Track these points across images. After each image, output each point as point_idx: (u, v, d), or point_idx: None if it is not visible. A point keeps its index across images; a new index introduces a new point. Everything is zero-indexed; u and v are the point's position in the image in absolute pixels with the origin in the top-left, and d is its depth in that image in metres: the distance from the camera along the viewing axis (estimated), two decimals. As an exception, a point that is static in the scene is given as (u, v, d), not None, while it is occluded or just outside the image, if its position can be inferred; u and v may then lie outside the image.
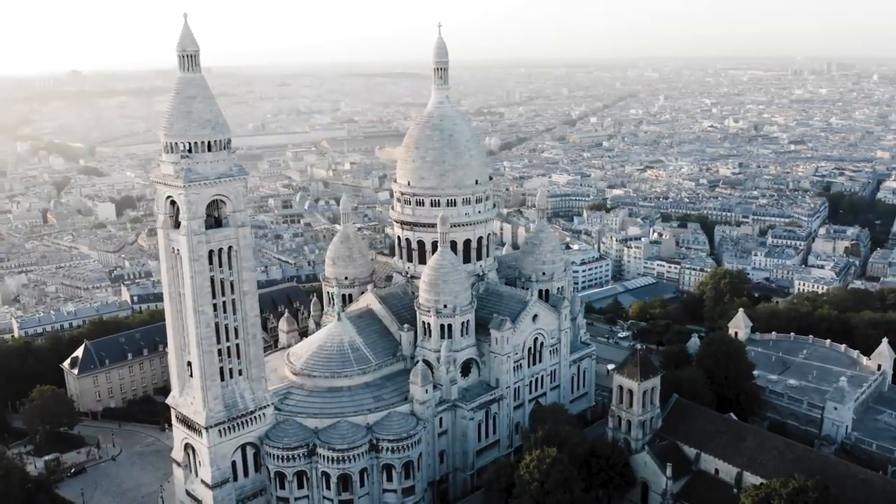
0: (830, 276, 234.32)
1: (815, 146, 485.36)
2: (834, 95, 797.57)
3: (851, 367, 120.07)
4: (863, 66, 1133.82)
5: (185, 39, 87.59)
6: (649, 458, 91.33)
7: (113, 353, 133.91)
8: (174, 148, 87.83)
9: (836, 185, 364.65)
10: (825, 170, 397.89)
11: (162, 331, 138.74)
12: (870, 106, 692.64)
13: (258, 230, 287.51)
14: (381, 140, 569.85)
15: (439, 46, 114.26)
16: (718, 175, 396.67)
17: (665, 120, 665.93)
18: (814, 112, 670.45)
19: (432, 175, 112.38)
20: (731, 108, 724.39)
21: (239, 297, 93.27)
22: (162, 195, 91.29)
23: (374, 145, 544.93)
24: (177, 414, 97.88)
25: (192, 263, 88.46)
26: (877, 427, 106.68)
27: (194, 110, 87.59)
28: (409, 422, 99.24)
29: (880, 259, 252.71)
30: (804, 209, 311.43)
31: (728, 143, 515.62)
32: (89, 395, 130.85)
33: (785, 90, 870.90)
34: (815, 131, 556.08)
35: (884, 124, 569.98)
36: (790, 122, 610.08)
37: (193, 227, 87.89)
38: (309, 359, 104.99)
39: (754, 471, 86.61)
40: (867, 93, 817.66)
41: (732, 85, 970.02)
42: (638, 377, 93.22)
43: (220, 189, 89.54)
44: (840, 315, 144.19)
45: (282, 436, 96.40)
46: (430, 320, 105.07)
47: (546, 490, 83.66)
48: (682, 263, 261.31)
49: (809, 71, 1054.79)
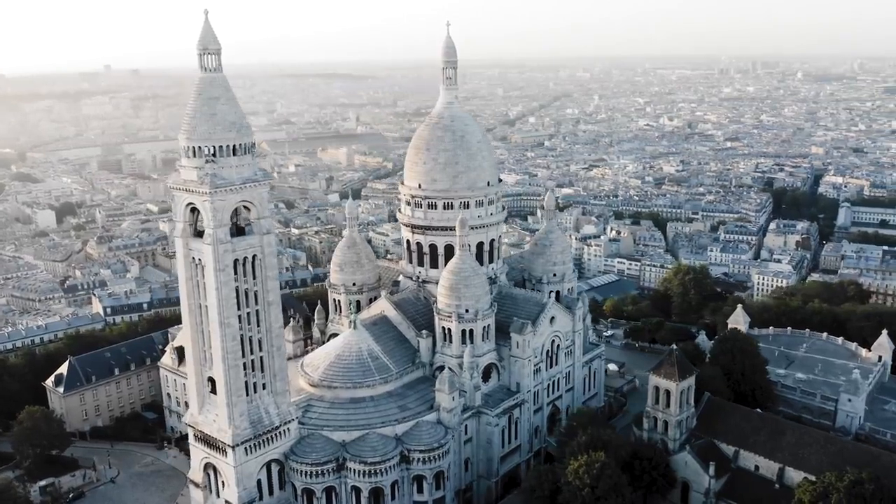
0: (788, 270, 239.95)
1: (750, 143, 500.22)
2: (762, 93, 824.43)
3: (852, 360, 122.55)
4: (786, 64, 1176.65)
5: (207, 37, 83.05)
6: (690, 458, 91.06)
7: (99, 368, 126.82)
8: (197, 152, 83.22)
9: (777, 181, 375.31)
10: (765, 166, 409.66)
11: (148, 343, 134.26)
12: (798, 103, 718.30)
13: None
14: (322, 141, 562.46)
15: (448, 46, 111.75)
16: (663, 173, 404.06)
17: (602, 119, 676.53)
18: (744, 110, 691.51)
19: (445, 177, 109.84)
20: (665, 107, 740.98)
21: (263, 308, 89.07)
22: (181, 202, 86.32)
23: (316, 147, 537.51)
24: (196, 433, 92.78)
25: (218, 274, 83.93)
26: (885, 417, 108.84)
27: (218, 112, 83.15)
28: (439, 431, 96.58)
29: (832, 252, 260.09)
30: (751, 205, 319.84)
31: (666, 142, 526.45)
32: (76, 414, 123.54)
33: (714, 89, 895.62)
34: (748, 128, 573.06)
35: (813, 121, 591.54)
36: (723, 120, 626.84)
37: (219, 235, 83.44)
38: (327, 369, 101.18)
39: (797, 466, 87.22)
40: (793, 90, 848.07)
41: (662, 84, 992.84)
42: (676, 377, 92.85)
43: (245, 195, 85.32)
44: (830, 308, 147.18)
45: (309, 451, 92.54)
46: (451, 326, 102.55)
47: (597, 495, 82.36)
48: (643, 260, 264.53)
49: (735, 70, 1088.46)
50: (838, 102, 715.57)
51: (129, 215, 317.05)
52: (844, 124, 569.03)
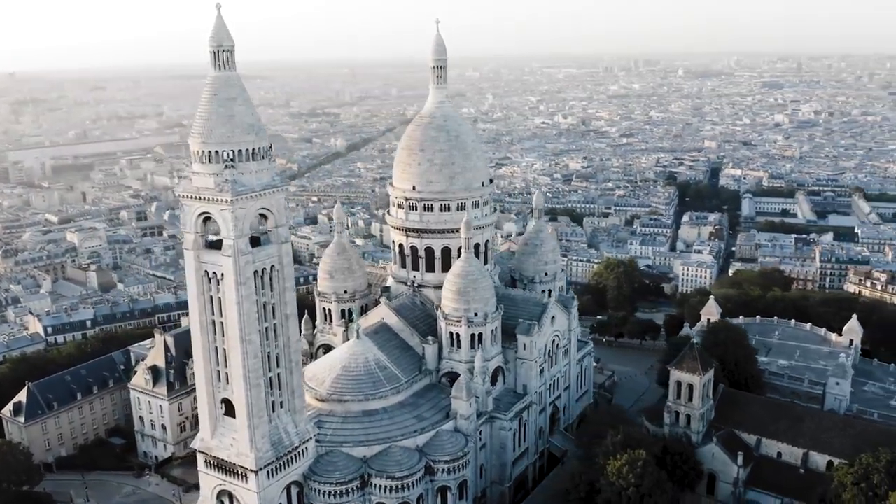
0: (710, 260, 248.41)
1: (644, 138, 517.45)
2: (647, 90, 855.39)
3: (825, 345, 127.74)
4: (667, 61, 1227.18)
5: (221, 34, 77.11)
6: (717, 450, 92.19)
7: (60, 394, 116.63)
8: (213, 157, 77.12)
9: (679, 175, 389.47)
10: (665, 160, 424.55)
11: (109, 364, 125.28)
12: (683, 99, 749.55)
13: (123, 245, 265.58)
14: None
15: (438, 44, 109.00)
16: (570, 170, 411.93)
17: (498, 118, 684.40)
18: (633, 106, 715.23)
19: (442, 178, 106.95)
20: (557, 105, 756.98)
21: (281, 322, 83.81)
22: (192, 212, 79.88)
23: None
24: (208, 459, 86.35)
25: (239, 287, 78.25)
26: (867, 397, 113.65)
27: (236, 114, 77.42)
28: (459, 439, 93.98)
29: (746, 242, 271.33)
30: (660, 198, 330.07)
31: (564, 139, 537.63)
32: (38, 444, 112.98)
33: (601, 87, 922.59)
34: (640, 125, 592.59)
35: (700, 116, 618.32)
36: (615, 117, 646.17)
37: (241, 246, 77.75)
38: (335, 382, 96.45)
39: (821, 450, 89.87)
40: (676, 87, 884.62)
41: (551, 83, 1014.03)
42: (699, 371, 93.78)
43: (264, 202, 79.88)
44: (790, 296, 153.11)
45: (331, 469, 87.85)
46: (459, 330, 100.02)
47: (642, 493, 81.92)
48: (569, 256, 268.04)
49: (619, 68, 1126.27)
50: (721, 98, 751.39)
51: (28, 226, 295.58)
52: (730, 119, 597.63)
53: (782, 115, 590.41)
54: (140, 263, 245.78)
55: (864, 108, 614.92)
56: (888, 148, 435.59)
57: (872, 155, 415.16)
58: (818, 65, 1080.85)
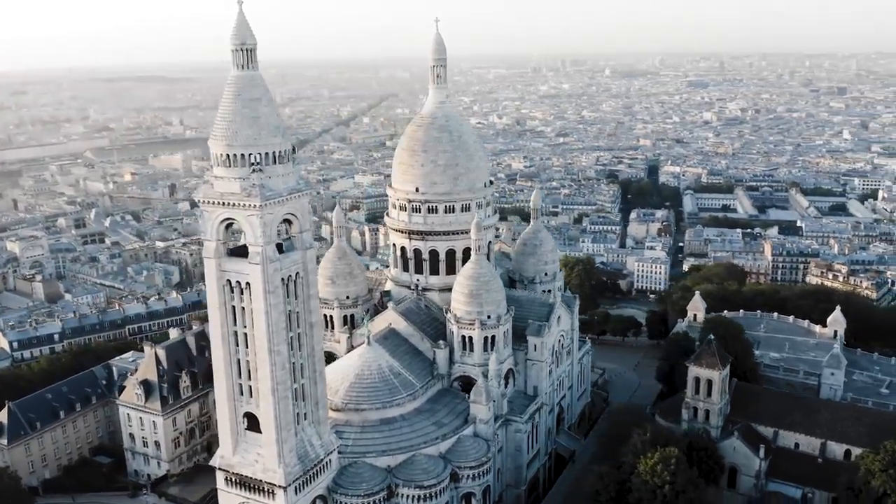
0: (664, 256, 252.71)
1: (580, 138, 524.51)
2: (577, 90, 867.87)
3: (810, 336, 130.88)
4: (593, 61, 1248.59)
5: (243, 31, 73.56)
6: (739, 443, 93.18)
7: (42, 413, 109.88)
8: (238, 160, 73.54)
9: (621, 173, 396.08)
10: (605, 159, 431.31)
11: (91, 380, 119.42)
12: (613, 98, 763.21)
13: (66, 253, 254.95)
14: (153, 147, 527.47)
15: (437, 43, 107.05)
16: (513, 169, 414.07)
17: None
18: (565, 106, 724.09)
19: (446, 179, 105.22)
20: (490, 106, 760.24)
21: (305, 331, 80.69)
22: (214, 218, 76.10)
23: (147, 153, 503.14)
24: (229, 476, 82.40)
25: (268, 296, 74.95)
26: (858, 386, 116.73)
27: (262, 115, 73.90)
28: (481, 445, 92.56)
29: (696, 237, 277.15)
30: (605, 197, 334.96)
31: (502, 139, 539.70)
32: (22, 467, 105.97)
33: (531, 87, 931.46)
34: (574, 124, 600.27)
35: (631, 115, 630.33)
36: (548, 117, 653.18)
37: (269, 253, 74.49)
38: (349, 391, 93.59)
39: (839, 439, 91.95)
40: (605, 87, 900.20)
41: (482, 83, 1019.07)
42: (719, 366, 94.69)
43: (290, 206, 76.70)
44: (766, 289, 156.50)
45: (357, 481, 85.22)
46: (471, 333, 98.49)
47: (676, 490, 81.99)
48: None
49: (547, 68, 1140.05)
50: (649, 97, 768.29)
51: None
52: (660, 117, 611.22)
53: (710, 113, 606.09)
54: (86, 272, 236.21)
55: (788, 105, 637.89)
56: (815, 143, 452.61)
57: (801, 150, 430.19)
58: (740, 63, 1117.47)
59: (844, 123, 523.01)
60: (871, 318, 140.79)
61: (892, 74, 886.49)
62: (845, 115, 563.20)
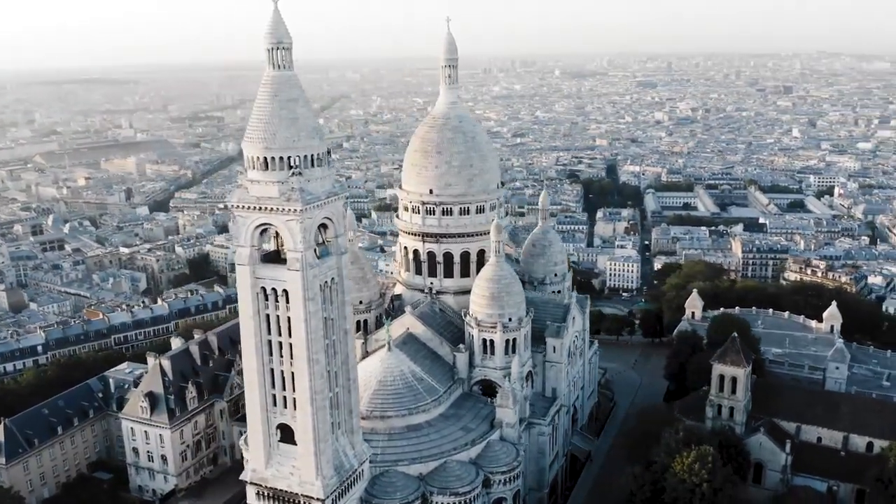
0: (635, 255, 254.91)
1: (537, 138, 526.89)
2: (529, 91, 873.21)
3: (808, 332, 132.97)
4: (542, 62, 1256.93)
5: (279, 30, 71.12)
6: (765, 439, 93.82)
7: (39, 429, 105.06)
8: (276, 164, 71.07)
9: (581, 173, 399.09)
10: (564, 159, 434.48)
11: (86, 393, 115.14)
12: (565, 99, 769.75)
13: (27, 261, 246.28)
14: (104, 151, 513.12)
15: (449, 43, 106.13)
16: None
17: (388, 119, 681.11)
18: (518, 107, 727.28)
19: (461, 181, 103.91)
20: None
21: (339, 338, 78.49)
22: (249, 224, 73.42)
23: (99, 157, 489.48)
24: (261, 490, 79.62)
25: (307, 303, 72.61)
26: (859, 379, 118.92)
27: (300, 116, 71.68)
28: (510, 449, 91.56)
29: (663, 235, 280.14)
30: (569, 196, 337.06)
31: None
32: (21, 486, 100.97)
33: (483, 87, 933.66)
34: (528, 124, 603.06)
35: (584, 115, 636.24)
36: (502, 118, 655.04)
37: (309, 258, 72.22)
38: (373, 398, 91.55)
39: (861, 432, 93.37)
40: (556, 87, 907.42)
41: (433, 84, 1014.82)
42: (743, 364, 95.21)
43: (328, 210, 74.50)
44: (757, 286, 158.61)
45: (391, 490, 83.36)
46: (493, 337, 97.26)
47: (714, 488, 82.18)
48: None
49: (497, 69, 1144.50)
50: (600, 97, 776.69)
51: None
52: (612, 117, 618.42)
53: (661, 113, 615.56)
54: (50, 280, 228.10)
55: (737, 105, 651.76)
56: (767, 142, 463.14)
57: (754, 149, 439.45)
58: (686, 64, 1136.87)
59: (793, 122, 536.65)
60: (859, 313, 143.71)
61: (835, 73, 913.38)
62: (793, 114, 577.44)
